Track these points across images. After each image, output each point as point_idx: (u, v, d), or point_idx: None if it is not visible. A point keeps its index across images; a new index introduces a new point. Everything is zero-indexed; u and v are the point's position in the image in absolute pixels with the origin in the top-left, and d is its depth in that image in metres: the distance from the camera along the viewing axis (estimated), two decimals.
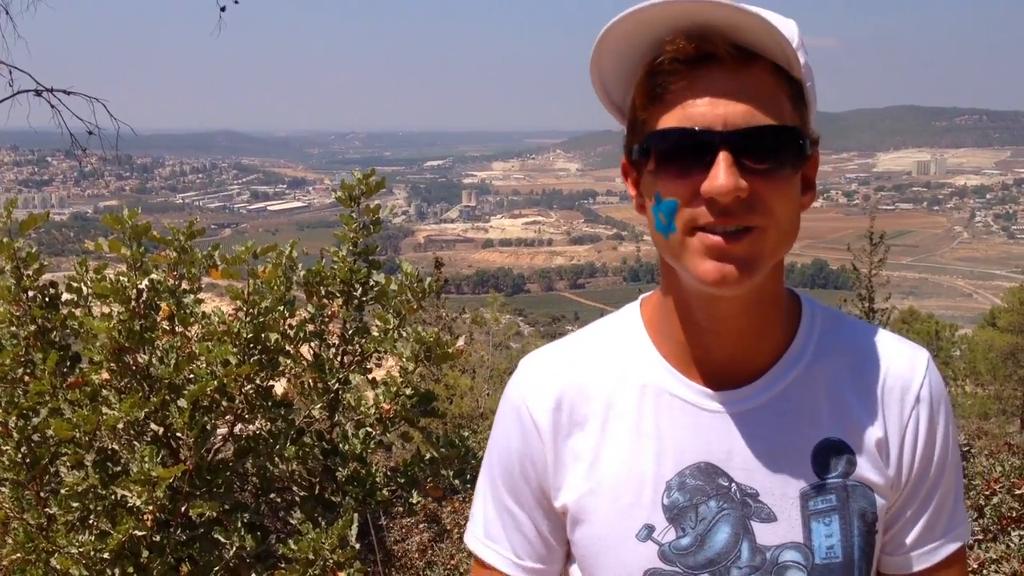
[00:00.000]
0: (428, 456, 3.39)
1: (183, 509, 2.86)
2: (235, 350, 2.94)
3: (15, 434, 2.94)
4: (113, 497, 2.81)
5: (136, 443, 2.93)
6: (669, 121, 1.02)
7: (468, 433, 3.38)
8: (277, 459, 3.14)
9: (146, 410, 2.83)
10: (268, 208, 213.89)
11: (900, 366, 1.16)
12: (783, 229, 1.03)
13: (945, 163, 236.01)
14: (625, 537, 1.13)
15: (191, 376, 2.93)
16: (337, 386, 3.33)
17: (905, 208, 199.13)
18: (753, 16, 0.97)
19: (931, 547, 1.19)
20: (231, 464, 3.08)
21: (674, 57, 1.01)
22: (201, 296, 3.25)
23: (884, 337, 1.19)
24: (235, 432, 3.16)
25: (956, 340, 23.10)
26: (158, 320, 3.05)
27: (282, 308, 3.14)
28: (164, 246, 3.24)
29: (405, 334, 3.33)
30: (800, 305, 1.20)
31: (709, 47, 0.99)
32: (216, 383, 2.85)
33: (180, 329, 3.10)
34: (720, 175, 0.98)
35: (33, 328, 3.14)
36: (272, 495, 3.28)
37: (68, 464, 2.87)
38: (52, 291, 3.23)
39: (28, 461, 2.98)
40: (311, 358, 3.33)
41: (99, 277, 3.12)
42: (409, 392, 3.29)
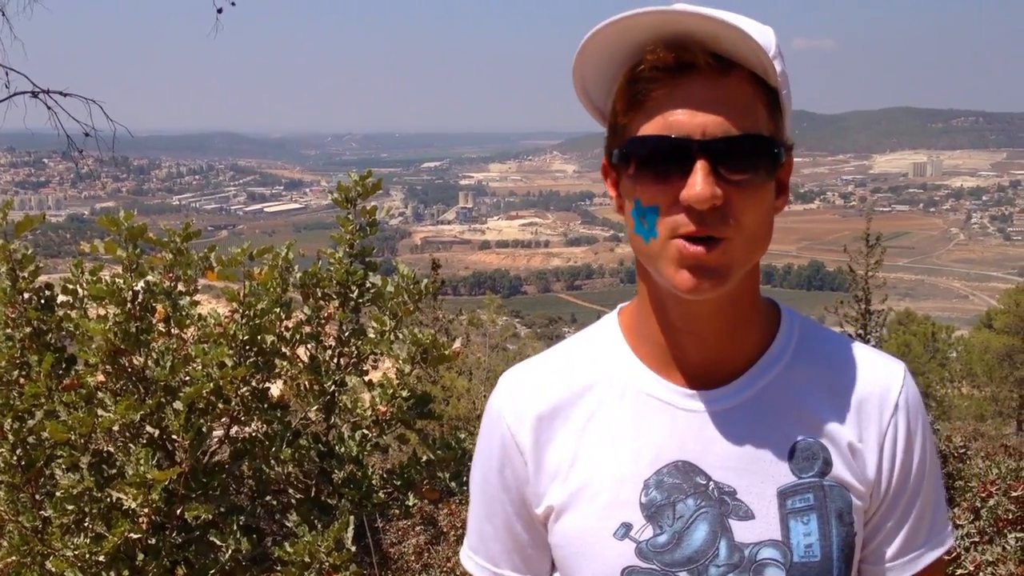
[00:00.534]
0: (424, 458, 3.38)
1: (179, 512, 2.86)
2: (231, 352, 2.94)
3: (10, 436, 2.93)
4: (108, 500, 2.80)
5: (132, 445, 2.93)
6: (649, 128, 1.05)
7: (465, 435, 3.37)
8: (273, 461, 3.14)
9: (142, 412, 2.82)
10: (265, 210, 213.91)
11: (877, 376, 1.18)
12: (754, 238, 1.06)
13: (941, 165, 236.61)
14: (603, 535, 1.14)
15: (187, 378, 2.92)
16: (333, 388, 3.32)
17: (901, 210, 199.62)
18: (731, 27, 0.99)
19: (912, 556, 1.20)
20: (227, 466, 3.07)
21: (654, 65, 1.03)
22: (197, 298, 3.24)
23: (861, 348, 1.22)
24: (231, 434, 3.16)
25: (953, 342, 23.15)
26: (154, 322, 3.04)
27: (278, 310, 3.14)
28: (160, 248, 3.23)
29: (401, 336, 3.32)
30: (779, 312, 1.22)
31: (688, 56, 1.02)
32: (212, 385, 2.85)
33: (176, 331, 3.09)
34: (698, 183, 1.00)
35: (28, 330, 3.13)
36: (268, 497, 3.28)
37: (63, 467, 2.87)
38: (48, 293, 3.23)
39: (23, 463, 2.97)
40: (307, 360, 3.32)
41: (95, 279, 3.11)
42: (405, 394, 3.28)
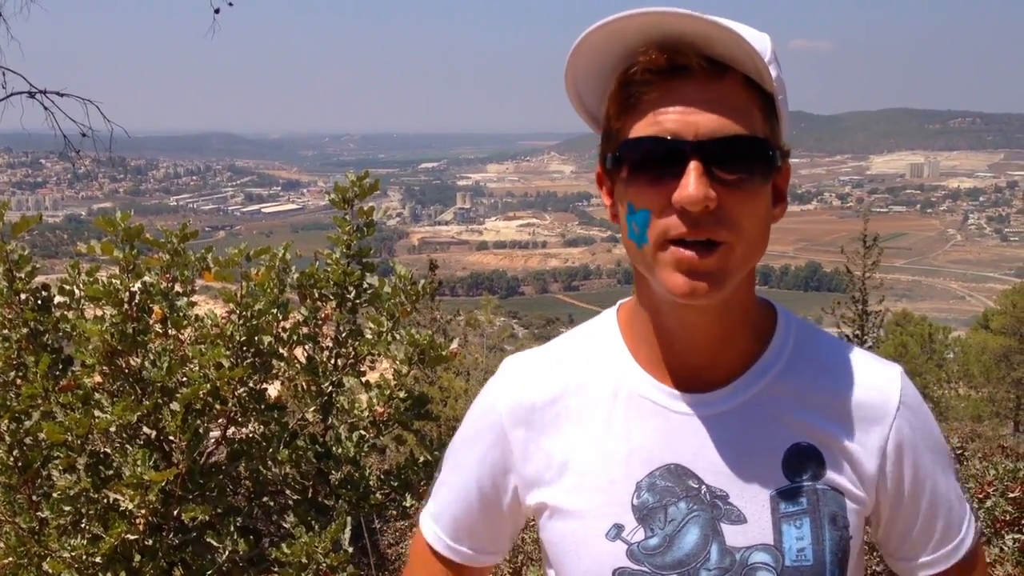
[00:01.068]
0: (422, 459, 3.38)
1: (175, 513, 2.85)
2: (228, 353, 2.93)
3: (7, 437, 2.93)
4: (105, 501, 2.80)
5: (128, 446, 2.92)
6: (641, 131, 1.04)
7: None
8: (270, 462, 3.13)
9: (138, 413, 2.82)
10: (262, 210, 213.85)
11: (875, 380, 1.18)
12: (750, 243, 1.05)
13: (938, 166, 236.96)
14: (595, 536, 1.14)
15: (184, 379, 2.92)
16: (331, 389, 3.32)
17: (899, 211, 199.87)
18: (724, 29, 0.98)
19: (951, 547, 1.21)
20: (224, 467, 3.07)
21: (647, 68, 1.02)
22: (195, 299, 3.24)
23: (858, 353, 1.21)
24: (228, 435, 3.15)
25: (950, 343, 23.19)
26: (151, 323, 3.04)
27: (275, 311, 3.13)
28: (157, 249, 3.23)
29: (399, 336, 3.32)
30: (775, 315, 1.21)
31: (681, 59, 1.01)
32: (209, 386, 2.84)
33: (173, 332, 3.09)
34: (690, 184, 0.99)
35: (25, 331, 3.12)
36: (265, 499, 3.27)
37: (60, 468, 2.86)
38: (44, 294, 3.22)
39: (20, 465, 2.96)
40: (304, 361, 3.32)
41: (91, 280, 3.11)
42: (403, 395, 3.28)
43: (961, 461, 4.96)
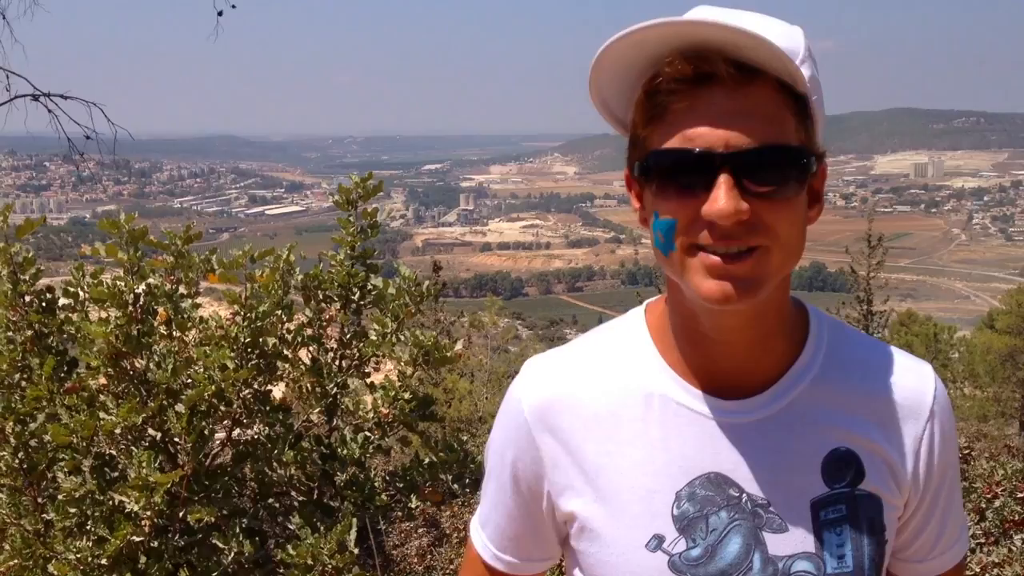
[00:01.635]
0: (427, 460, 3.38)
1: (181, 514, 2.85)
2: (233, 355, 2.93)
3: (12, 440, 2.93)
4: (111, 503, 2.80)
5: (134, 448, 2.92)
6: (669, 141, 1.00)
7: (467, 437, 3.37)
8: (275, 464, 3.13)
9: (144, 415, 2.82)
10: (266, 212, 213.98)
11: (910, 381, 1.17)
12: (788, 248, 1.02)
13: (943, 165, 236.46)
14: (635, 547, 1.12)
15: (189, 381, 2.92)
16: (335, 390, 3.32)
17: (903, 210, 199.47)
18: (750, 35, 0.94)
19: (953, 551, 1.23)
20: (229, 469, 3.07)
21: (673, 77, 0.99)
22: (199, 300, 3.24)
23: (890, 352, 1.20)
24: (233, 437, 3.15)
25: (955, 342, 23.10)
26: (155, 325, 3.04)
27: (280, 312, 3.13)
28: (161, 251, 3.23)
29: (403, 338, 3.32)
30: (807, 316, 1.19)
31: (708, 67, 0.97)
32: (214, 388, 2.84)
33: (177, 334, 3.09)
34: (720, 198, 0.96)
35: (30, 333, 3.12)
36: (270, 500, 3.27)
37: (65, 470, 2.86)
38: (49, 296, 3.22)
39: (25, 467, 2.96)
40: (309, 362, 3.32)
41: (96, 282, 3.11)
42: (407, 396, 3.28)
43: (968, 461, 4.94)
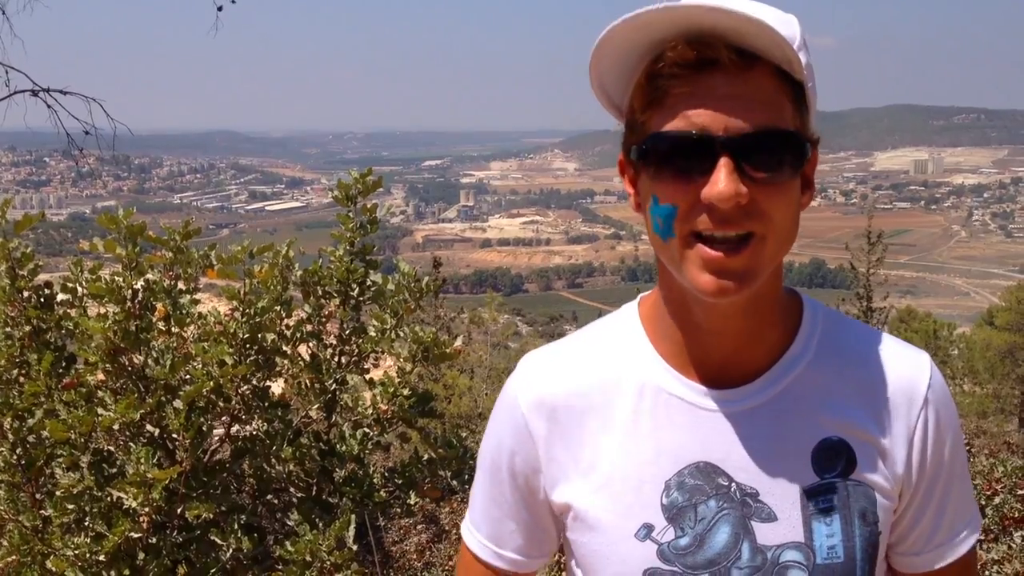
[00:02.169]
0: (426, 457, 3.37)
1: (179, 511, 2.85)
2: (231, 350, 2.93)
3: (10, 435, 2.93)
4: (109, 499, 2.79)
5: (132, 444, 2.92)
6: (669, 125, 1.01)
7: (466, 433, 3.37)
8: (274, 460, 3.13)
9: (142, 411, 2.81)
10: (266, 208, 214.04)
11: (904, 369, 1.16)
12: (782, 235, 1.03)
13: (943, 162, 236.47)
14: (624, 536, 1.13)
15: (187, 377, 2.91)
16: (334, 386, 3.31)
17: (903, 207, 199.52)
18: (755, 22, 0.95)
19: (955, 540, 1.20)
20: (228, 465, 3.07)
21: (675, 62, 1.00)
22: (199, 296, 3.24)
23: (885, 340, 1.19)
24: (232, 433, 3.15)
25: (954, 339, 23.12)
26: (154, 320, 3.03)
27: (279, 308, 3.13)
28: (160, 246, 3.22)
29: (403, 334, 3.31)
30: (801, 305, 1.19)
31: (710, 52, 0.98)
32: (212, 384, 2.84)
33: (176, 329, 3.08)
34: (721, 180, 0.97)
35: (28, 329, 3.12)
36: (269, 496, 3.27)
37: (63, 466, 2.86)
38: (47, 291, 3.22)
39: (23, 463, 2.96)
40: (308, 358, 3.32)
41: (94, 277, 3.10)
42: (407, 392, 3.28)
43: (967, 458, 4.94)
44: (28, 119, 7.61)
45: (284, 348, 3.20)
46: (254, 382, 3.08)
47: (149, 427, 2.95)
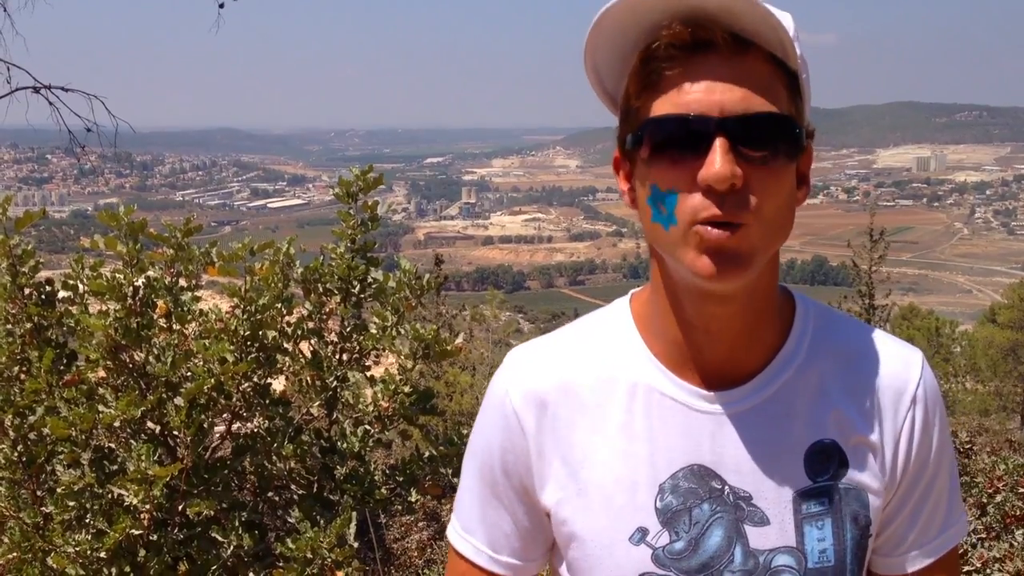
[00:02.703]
0: (427, 454, 3.37)
1: (180, 508, 2.85)
2: (232, 348, 2.92)
3: (11, 432, 2.93)
4: (110, 496, 2.79)
5: (133, 441, 2.92)
6: (664, 108, 1.00)
7: (468, 431, 3.36)
8: (275, 457, 3.13)
9: (143, 408, 2.81)
10: (268, 205, 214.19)
11: (894, 367, 1.15)
12: (775, 223, 1.02)
13: (945, 159, 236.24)
14: (618, 540, 1.11)
15: (188, 374, 2.91)
16: (335, 384, 3.31)
17: (905, 204, 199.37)
18: (749, 3, 0.95)
19: (933, 544, 1.18)
20: (229, 462, 3.06)
21: (670, 43, 0.99)
22: (200, 293, 3.24)
23: (878, 337, 1.18)
24: (233, 430, 3.15)
25: (956, 336, 23.11)
26: (155, 318, 3.03)
27: (280, 305, 3.12)
28: (161, 243, 3.22)
29: (404, 331, 3.31)
30: (793, 304, 1.18)
31: (705, 34, 0.98)
32: (213, 381, 2.84)
33: (177, 327, 3.08)
34: (716, 161, 0.96)
35: (29, 326, 3.12)
36: (270, 493, 3.27)
37: (64, 463, 2.86)
38: (48, 288, 3.22)
39: (24, 460, 2.96)
40: (309, 355, 3.31)
41: (95, 274, 3.10)
42: (408, 390, 3.27)
43: (969, 455, 4.94)
44: (30, 116, 7.62)
45: (285, 345, 3.19)
46: (255, 379, 3.08)
47: (150, 424, 2.95)
